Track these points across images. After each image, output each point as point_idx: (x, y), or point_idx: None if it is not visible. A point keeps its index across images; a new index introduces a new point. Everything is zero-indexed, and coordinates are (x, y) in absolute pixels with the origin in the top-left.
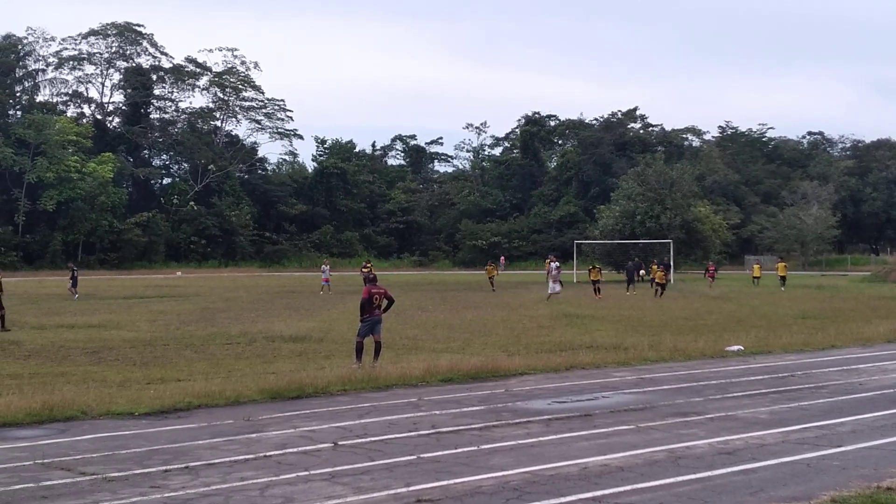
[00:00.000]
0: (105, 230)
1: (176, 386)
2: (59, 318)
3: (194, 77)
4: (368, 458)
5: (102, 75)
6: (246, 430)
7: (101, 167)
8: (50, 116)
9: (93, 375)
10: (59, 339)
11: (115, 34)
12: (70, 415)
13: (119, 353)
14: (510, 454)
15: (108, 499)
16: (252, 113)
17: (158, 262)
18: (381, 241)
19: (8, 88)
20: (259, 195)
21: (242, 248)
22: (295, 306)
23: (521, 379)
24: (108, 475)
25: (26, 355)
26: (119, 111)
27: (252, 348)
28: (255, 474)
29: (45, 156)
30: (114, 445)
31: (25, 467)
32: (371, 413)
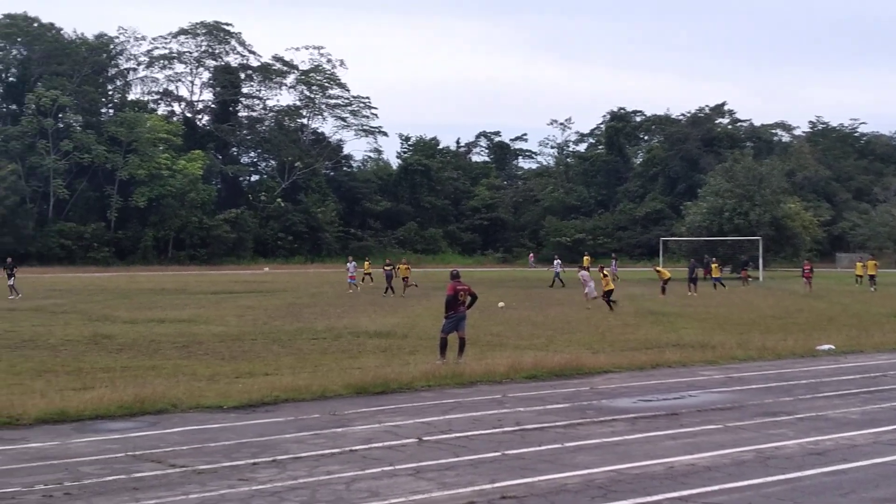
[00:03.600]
0: (195, 226)
1: (263, 380)
2: (150, 313)
3: (281, 75)
4: (453, 454)
5: (192, 74)
6: (332, 425)
7: (190, 164)
8: (141, 114)
9: (183, 369)
10: (150, 333)
11: (204, 33)
12: (161, 408)
13: (208, 348)
14: (595, 452)
15: (198, 491)
16: (338, 110)
17: (246, 258)
18: (465, 238)
19: (101, 87)
20: (344, 192)
21: (328, 245)
22: (380, 302)
23: (606, 377)
24: (198, 468)
25: (118, 349)
26: (208, 109)
27: (338, 343)
28: (340, 468)
29: (136, 153)
30: (203, 438)
31: (117, 459)
32: (455, 409)
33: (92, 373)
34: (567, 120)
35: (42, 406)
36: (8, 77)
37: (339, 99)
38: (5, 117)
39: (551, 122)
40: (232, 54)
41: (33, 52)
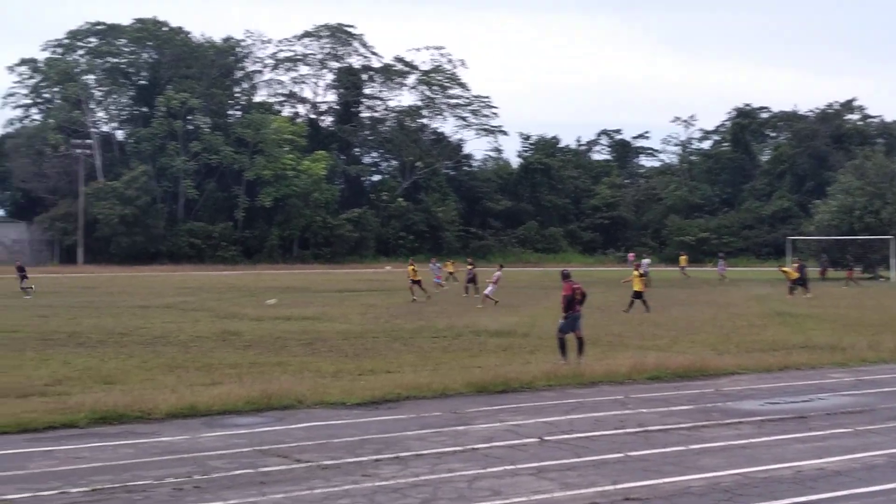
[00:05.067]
0: (319, 226)
1: (386, 377)
2: (275, 310)
3: (402, 76)
4: (575, 455)
5: (316, 76)
6: (453, 423)
7: (314, 165)
8: (267, 116)
9: (308, 366)
10: (276, 330)
11: (327, 36)
12: (286, 404)
13: (332, 345)
14: (720, 455)
15: (323, 486)
16: (458, 110)
17: (369, 257)
18: (586, 237)
19: (228, 90)
20: (465, 191)
21: (449, 244)
22: (500, 301)
23: (731, 378)
24: (322, 463)
25: (245, 345)
26: (331, 110)
27: (458, 342)
28: (462, 466)
29: (262, 154)
30: (327, 434)
31: (244, 453)
32: (577, 409)
33: (220, 369)
34: (690, 117)
35: (172, 401)
36: (139, 80)
37: (459, 98)
38: (137, 120)
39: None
40: (354, 56)
41: (163, 55)
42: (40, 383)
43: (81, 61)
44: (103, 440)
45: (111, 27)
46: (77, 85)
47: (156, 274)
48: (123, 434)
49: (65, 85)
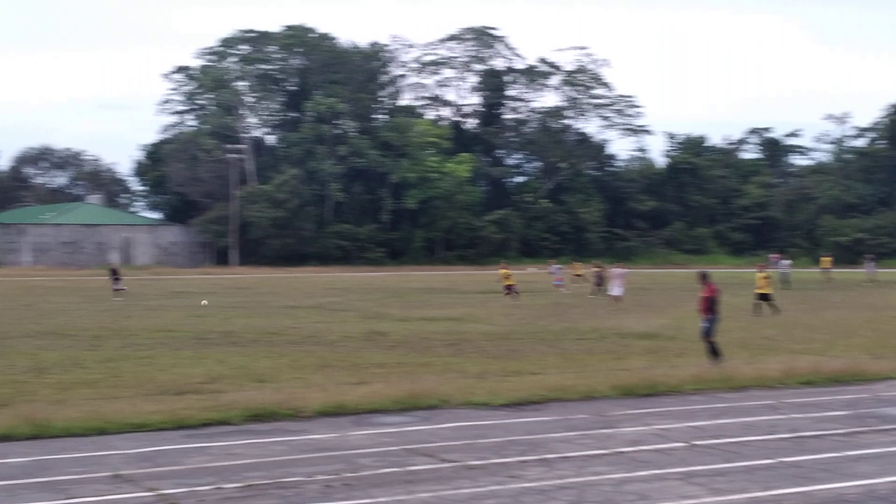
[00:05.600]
0: (463, 227)
1: (530, 379)
2: (421, 311)
3: (546, 77)
4: (724, 460)
5: (459, 78)
6: (599, 426)
7: (458, 167)
8: (411, 119)
9: (453, 366)
10: (422, 330)
11: (471, 38)
12: (432, 403)
13: (477, 346)
14: (877, 462)
15: (469, 486)
16: (602, 110)
17: (512, 258)
18: (735, 238)
19: (373, 94)
20: (609, 192)
21: (593, 245)
22: (646, 303)
23: (889, 384)
24: (469, 463)
25: (392, 346)
26: (475, 113)
27: (603, 344)
28: (608, 469)
29: (407, 157)
30: (473, 434)
31: (392, 452)
32: (726, 414)
33: (367, 368)
34: (844, 114)
35: (322, 399)
36: (288, 86)
37: (603, 98)
38: (287, 124)
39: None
40: (498, 58)
41: (312, 61)
42: (196, 381)
43: (234, 68)
44: (256, 437)
45: (262, 34)
46: (230, 91)
47: (305, 275)
48: (275, 431)
49: (218, 91)
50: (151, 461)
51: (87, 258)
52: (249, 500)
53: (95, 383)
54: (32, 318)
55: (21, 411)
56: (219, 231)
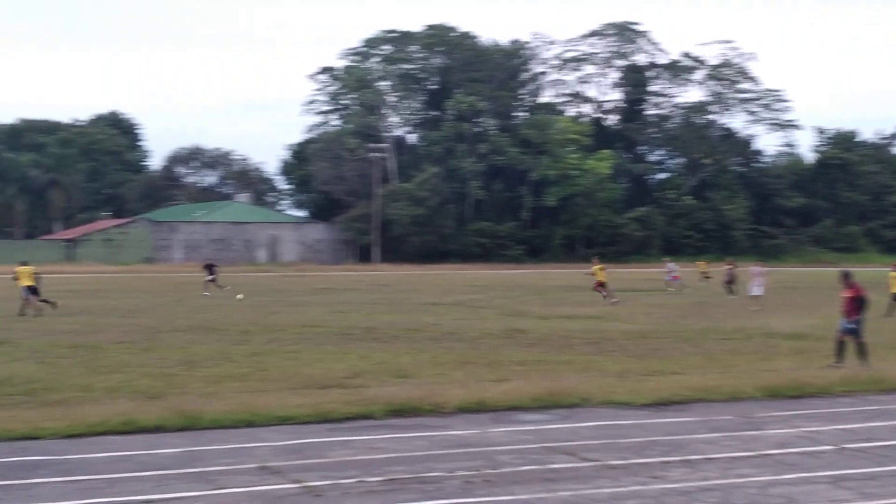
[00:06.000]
0: (603, 225)
1: (672, 379)
2: (561, 309)
3: (690, 72)
4: (875, 464)
5: (601, 74)
6: (744, 427)
7: (599, 164)
8: (552, 116)
9: (593, 365)
10: (562, 328)
11: (613, 34)
12: (572, 402)
13: (617, 345)
14: None
15: (610, 485)
16: (748, 105)
17: (654, 256)
18: (888, 236)
19: (513, 91)
20: (755, 188)
21: (738, 243)
22: (794, 303)
23: None
24: (609, 462)
25: (532, 343)
26: (616, 109)
27: (749, 344)
28: (754, 472)
29: (547, 154)
30: (614, 434)
31: (532, 450)
32: (878, 417)
33: (507, 365)
34: None
35: (462, 396)
36: (430, 85)
37: (749, 93)
38: (428, 123)
39: None
40: (640, 53)
41: (453, 60)
42: (340, 376)
43: (376, 68)
44: (397, 432)
45: (404, 34)
46: (372, 91)
47: (445, 272)
48: (416, 427)
49: (361, 91)
50: (297, 453)
51: (236, 255)
52: (391, 494)
53: (243, 377)
54: (183, 313)
55: (173, 403)
56: (361, 229)
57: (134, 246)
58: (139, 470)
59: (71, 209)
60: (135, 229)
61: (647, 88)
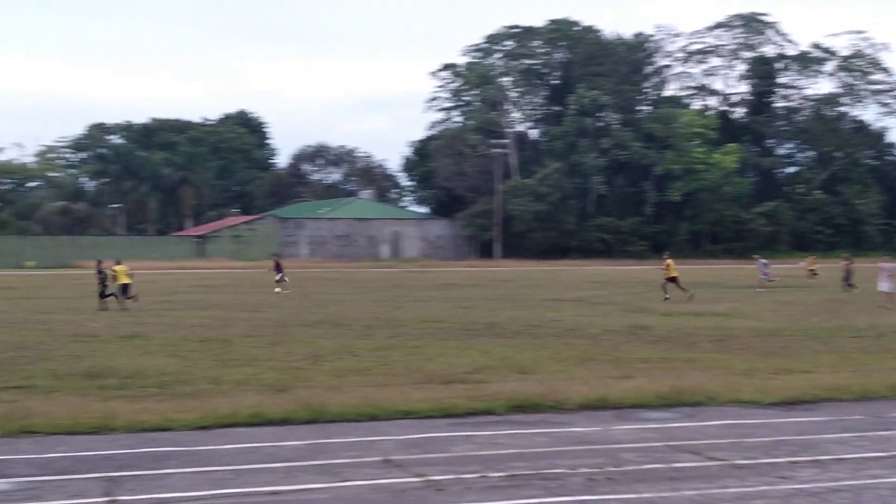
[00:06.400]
0: (730, 220)
1: (801, 377)
2: (685, 306)
3: (819, 63)
4: None
5: (727, 67)
6: (876, 427)
7: (725, 158)
8: (676, 110)
9: (718, 363)
10: (686, 326)
11: (740, 25)
12: (697, 400)
13: (743, 342)
14: None
15: (736, 485)
16: (881, 96)
17: (782, 252)
18: None
19: (637, 85)
20: (889, 182)
21: (871, 238)
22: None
23: None
24: (735, 462)
25: (655, 340)
26: (743, 101)
27: (881, 343)
28: (886, 473)
29: (672, 148)
30: (740, 433)
31: (655, 448)
32: None
33: (630, 363)
34: None
35: (584, 392)
36: (552, 80)
37: (882, 84)
38: (550, 118)
39: None
40: (768, 44)
41: (575, 54)
42: (462, 371)
43: (498, 64)
44: (519, 428)
45: (526, 30)
46: (494, 87)
47: (567, 268)
48: (538, 423)
49: (483, 88)
50: (420, 447)
51: (360, 251)
52: (513, 490)
53: (367, 371)
54: (309, 308)
55: (299, 396)
56: (483, 225)
57: (261, 242)
58: (266, 461)
59: (201, 206)
60: (262, 226)
61: (776, 80)
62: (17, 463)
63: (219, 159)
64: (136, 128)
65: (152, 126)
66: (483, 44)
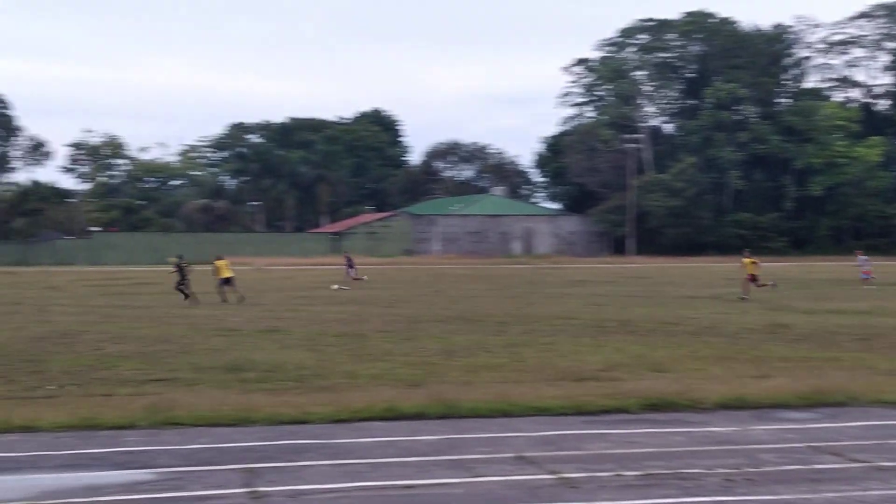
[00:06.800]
0: (873, 215)
1: None
2: (827, 304)
3: None
4: None
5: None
6: None
7: (868, 151)
8: (817, 102)
9: (862, 362)
10: (828, 324)
11: (883, 15)
12: (839, 400)
13: (889, 341)
14: None
15: (879, 488)
16: None
17: None
18: None
19: (775, 77)
20: None
21: None
22: None
23: None
24: (878, 464)
25: (796, 339)
26: (887, 93)
27: None
28: None
29: (813, 142)
30: (884, 434)
31: (796, 449)
32: None
33: (769, 362)
34: None
35: (722, 392)
36: (687, 73)
37: None
38: (685, 112)
39: None
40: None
41: (711, 47)
42: (594, 368)
43: (632, 58)
44: (654, 426)
45: (661, 23)
46: (628, 81)
47: (702, 264)
48: (673, 422)
49: (617, 82)
50: (553, 445)
51: (492, 247)
52: (649, 490)
53: (500, 367)
54: (442, 303)
55: (432, 391)
56: (616, 221)
57: (395, 238)
58: (401, 455)
59: (336, 203)
60: (396, 222)
61: None
62: (160, 454)
63: (353, 157)
64: (274, 127)
65: (290, 125)
66: (617, 38)
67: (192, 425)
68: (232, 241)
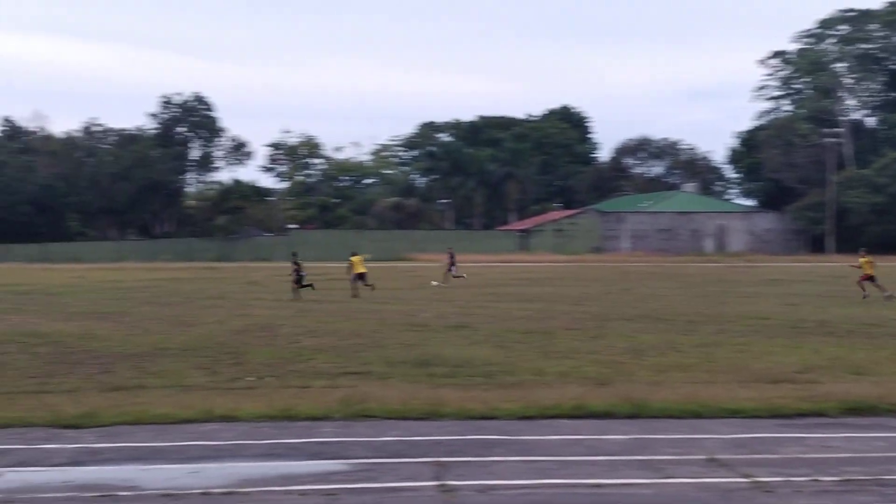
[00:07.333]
0: None
1: None
2: None
3: None
4: None
5: None
6: None
7: None
8: None
9: None
10: None
11: None
12: None
13: None
14: None
15: None
16: None
17: None
18: None
19: None
20: None
21: None
22: None
23: None
24: None
25: None
26: None
27: None
28: None
29: None
30: None
31: None
32: None
33: None
34: None
35: None
36: (891, 65)
37: None
38: (888, 105)
39: None
40: None
41: None
42: (790, 370)
43: (832, 50)
44: (853, 431)
45: (863, 13)
46: (827, 74)
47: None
48: (874, 426)
49: (815, 74)
50: (746, 447)
51: (682, 245)
52: (847, 496)
53: (690, 367)
54: (630, 301)
55: (621, 390)
56: (814, 218)
57: (582, 236)
58: (589, 454)
59: (524, 201)
60: (584, 220)
61: None
62: (354, 445)
63: (542, 154)
64: (463, 126)
65: (479, 124)
66: (815, 29)
67: (384, 418)
68: (422, 239)
